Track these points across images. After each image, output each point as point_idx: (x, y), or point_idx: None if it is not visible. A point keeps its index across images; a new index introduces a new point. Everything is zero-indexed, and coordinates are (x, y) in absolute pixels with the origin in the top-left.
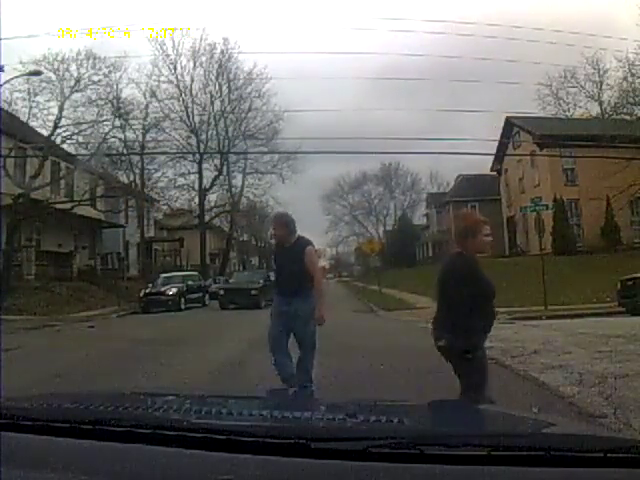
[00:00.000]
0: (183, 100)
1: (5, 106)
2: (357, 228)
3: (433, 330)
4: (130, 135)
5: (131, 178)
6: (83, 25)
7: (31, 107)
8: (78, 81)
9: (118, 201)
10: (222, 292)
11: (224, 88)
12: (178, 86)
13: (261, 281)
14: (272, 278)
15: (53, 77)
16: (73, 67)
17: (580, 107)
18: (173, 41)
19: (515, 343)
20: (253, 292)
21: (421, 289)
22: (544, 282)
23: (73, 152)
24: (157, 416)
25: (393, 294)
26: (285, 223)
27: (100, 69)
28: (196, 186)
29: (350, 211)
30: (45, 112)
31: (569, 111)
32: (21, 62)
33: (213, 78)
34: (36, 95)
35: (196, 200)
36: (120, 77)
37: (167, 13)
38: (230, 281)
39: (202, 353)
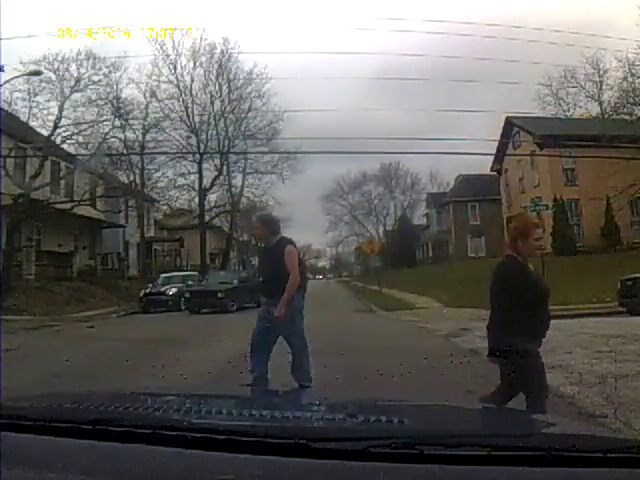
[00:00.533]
0: (183, 100)
1: (5, 106)
2: (357, 228)
3: (488, 334)
4: (130, 135)
5: (131, 178)
6: (83, 25)
7: (31, 107)
8: (78, 81)
9: (118, 201)
10: (188, 294)
11: (224, 88)
12: (178, 86)
13: (235, 281)
14: (246, 279)
15: (53, 77)
16: (73, 67)
17: (580, 107)
18: (173, 41)
19: None
20: (219, 295)
21: (421, 289)
22: None
23: (73, 152)
24: (157, 416)
25: (393, 294)
26: (265, 223)
27: (100, 69)
28: (196, 186)
29: (350, 211)
30: (45, 112)
31: (569, 111)
32: (21, 62)
33: (213, 78)
34: (36, 95)
35: (196, 200)
36: (120, 77)
37: (167, 13)
38: (202, 282)
39: (202, 353)
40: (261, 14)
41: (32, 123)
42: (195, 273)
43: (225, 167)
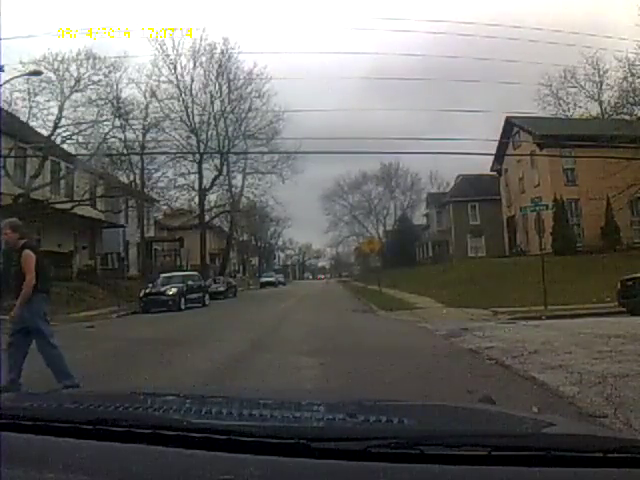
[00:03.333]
0: (183, 100)
1: (5, 106)
2: (357, 228)
3: None
4: (130, 135)
5: (131, 178)
6: (83, 25)
7: (31, 107)
8: (78, 81)
9: (118, 201)
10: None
11: (224, 88)
12: (178, 86)
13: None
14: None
15: (53, 77)
16: (73, 67)
17: (580, 107)
18: (173, 41)
19: (515, 343)
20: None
21: (421, 289)
22: (544, 282)
23: (73, 152)
24: (157, 416)
25: (393, 294)
26: (12, 228)
27: (100, 69)
28: (196, 186)
29: (350, 211)
30: (45, 112)
31: (569, 111)
32: (21, 62)
33: (213, 78)
34: (36, 95)
35: (196, 200)
36: (120, 77)
37: (167, 13)
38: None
39: (202, 353)
40: (261, 14)
41: (32, 123)
42: (195, 273)
43: (225, 167)
